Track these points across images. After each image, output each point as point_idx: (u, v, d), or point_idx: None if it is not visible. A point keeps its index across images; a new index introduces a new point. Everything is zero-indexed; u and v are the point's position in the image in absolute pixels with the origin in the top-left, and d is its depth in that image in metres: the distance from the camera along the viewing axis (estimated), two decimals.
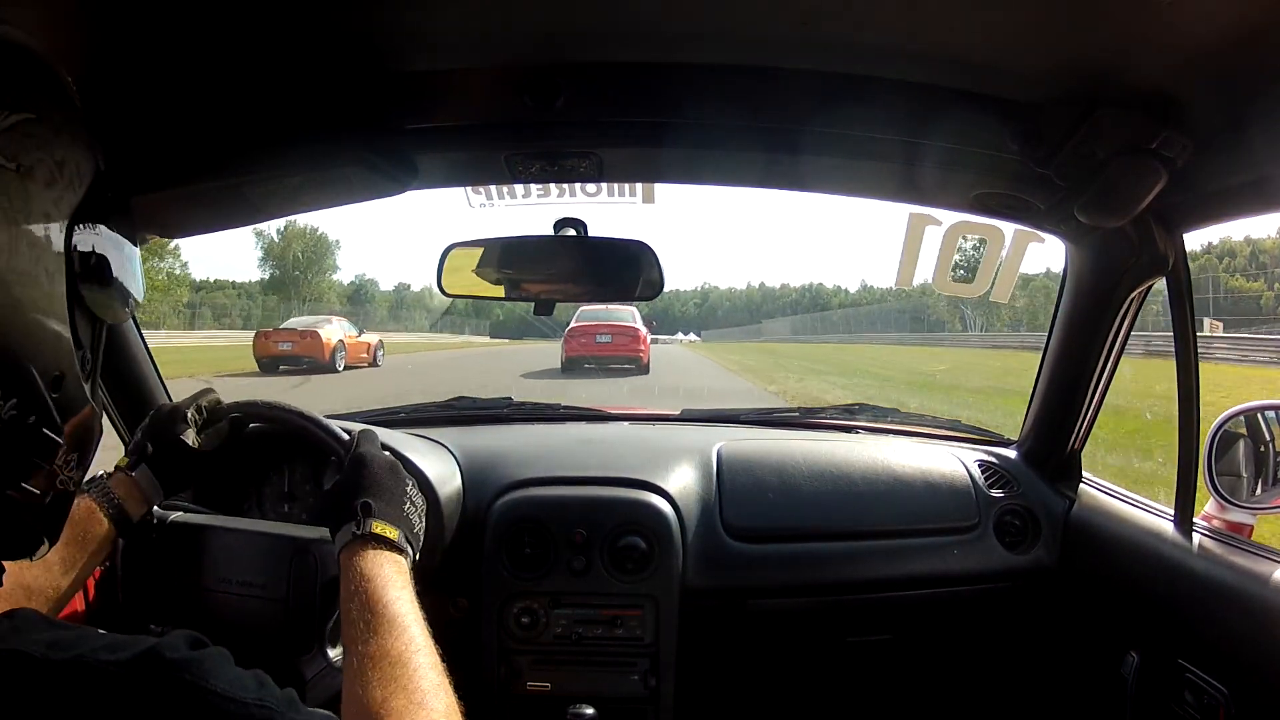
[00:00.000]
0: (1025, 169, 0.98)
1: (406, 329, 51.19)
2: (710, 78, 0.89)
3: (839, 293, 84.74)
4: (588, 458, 1.46)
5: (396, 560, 0.76)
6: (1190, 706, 1.04)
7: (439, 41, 0.83)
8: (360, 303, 56.53)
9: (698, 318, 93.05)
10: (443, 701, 0.62)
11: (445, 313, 53.95)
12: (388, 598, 0.70)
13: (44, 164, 0.46)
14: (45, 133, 0.47)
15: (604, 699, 1.27)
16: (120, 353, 1.33)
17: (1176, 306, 1.11)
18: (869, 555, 1.39)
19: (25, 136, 0.45)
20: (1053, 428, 1.44)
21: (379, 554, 0.75)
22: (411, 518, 0.84)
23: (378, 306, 59.73)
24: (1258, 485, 1.18)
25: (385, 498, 0.82)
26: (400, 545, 0.78)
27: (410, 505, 0.84)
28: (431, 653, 0.66)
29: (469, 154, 1.08)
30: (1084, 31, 0.72)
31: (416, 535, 0.83)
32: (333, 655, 0.96)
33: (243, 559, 0.99)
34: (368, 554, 0.75)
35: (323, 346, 13.79)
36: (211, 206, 1.07)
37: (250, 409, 1.07)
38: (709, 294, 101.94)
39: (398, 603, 0.70)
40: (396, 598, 0.71)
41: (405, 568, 0.77)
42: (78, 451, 0.51)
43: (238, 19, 0.74)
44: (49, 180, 0.47)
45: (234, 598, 0.96)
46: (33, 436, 0.46)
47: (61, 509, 0.51)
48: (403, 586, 0.73)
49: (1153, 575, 1.17)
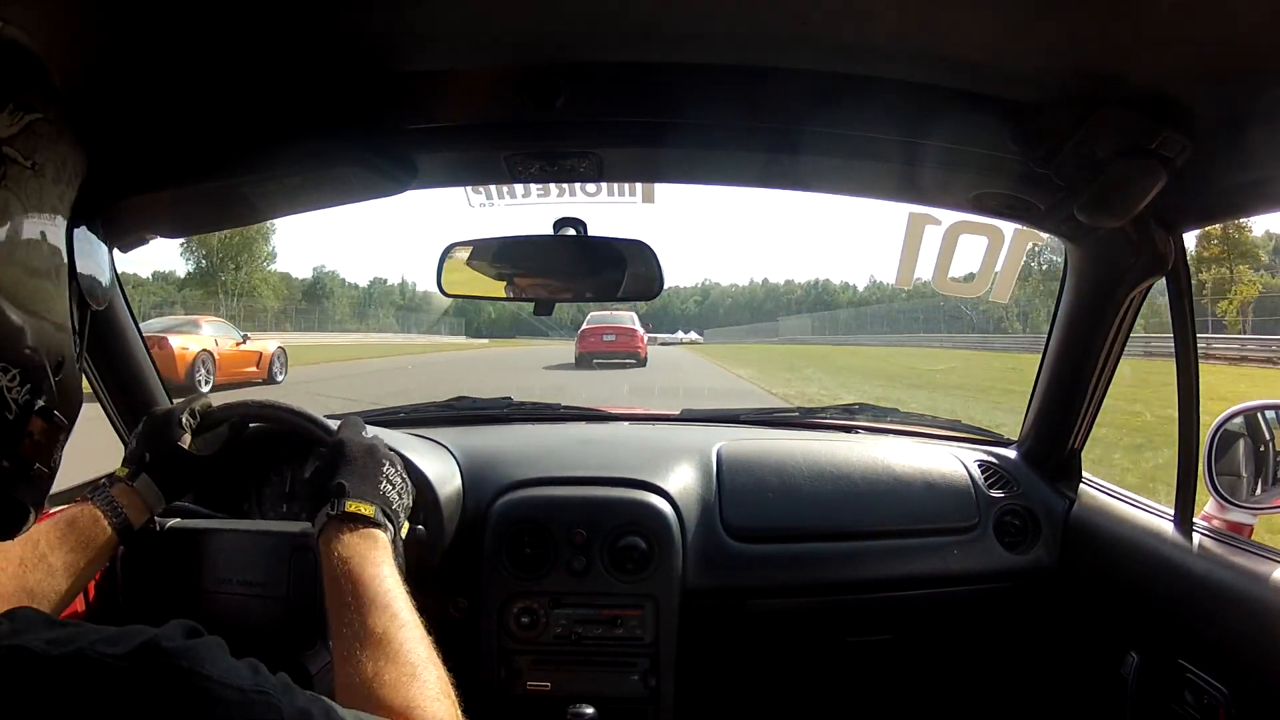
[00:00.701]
0: (1025, 169, 0.98)
1: (369, 328, 48.30)
2: (710, 78, 0.89)
3: (846, 289, 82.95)
4: (588, 458, 1.46)
5: (374, 535, 0.76)
6: (1190, 706, 1.04)
7: (438, 41, 0.83)
8: (318, 299, 52.60)
9: (698, 316, 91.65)
10: (433, 674, 0.62)
11: (410, 309, 51.76)
12: (368, 575, 0.70)
13: (52, 162, 0.49)
14: (52, 132, 0.49)
15: (604, 699, 1.27)
16: (120, 353, 1.33)
17: (1176, 306, 1.11)
18: (869, 555, 1.39)
19: (38, 136, 0.47)
20: (1053, 427, 1.44)
21: (355, 532, 0.75)
22: (389, 494, 0.83)
23: (338, 303, 55.58)
24: (1258, 485, 1.18)
25: (359, 476, 0.82)
26: (378, 520, 0.78)
27: (387, 483, 0.84)
28: (418, 626, 0.66)
29: (469, 154, 1.08)
30: (1084, 31, 0.72)
31: (396, 511, 0.83)
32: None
33: (242, 559, 0.99)
34: (344, 535, 0.75)
35: (174, 359, 9.93)
36: (211, 206, 1.07)
37: (244, 409, 1.07)
38: (710, 291, 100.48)
39: (379, 580, 0.70)
40: (376, 575, 0.71)
41: (385, 543, 0.77)
42: (68, 431, 0.54)
43: (237, 19, 0.74)
44: (56, 177, 0.49)
45: (236, 598, 0.96)
46: (44, 418, 0.49)
47: (49, 483, 0.54)
48: (382, 563, 0.73)
49: (1153, 575, 1.17)
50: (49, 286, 0.49)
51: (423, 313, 50.11)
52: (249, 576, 0.97)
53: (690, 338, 47.64)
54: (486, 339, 45.36)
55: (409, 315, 58.15)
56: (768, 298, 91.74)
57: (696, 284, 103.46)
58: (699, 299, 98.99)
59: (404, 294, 72.47)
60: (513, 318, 42.93)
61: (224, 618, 0.96)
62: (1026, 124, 0.89)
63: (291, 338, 21.51)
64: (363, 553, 0.73)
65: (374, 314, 58.05)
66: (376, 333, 45.08)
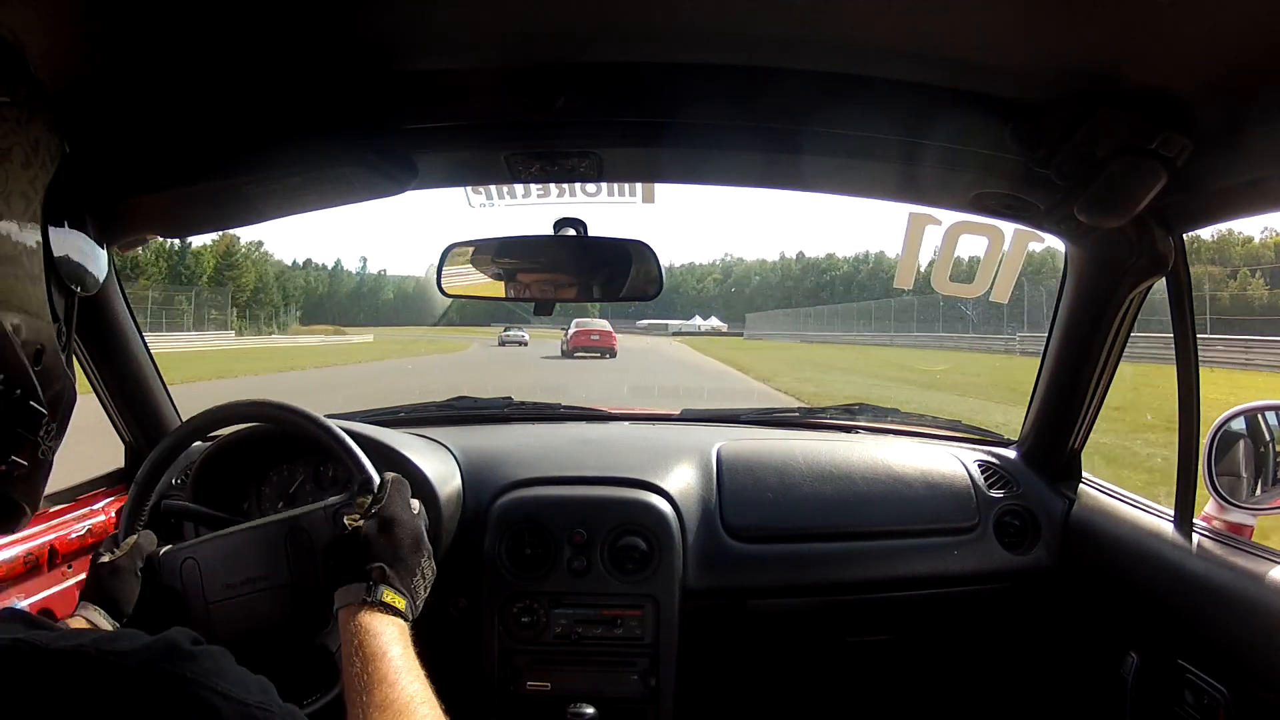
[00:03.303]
0: (1025, 169, 0.98)
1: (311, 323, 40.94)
2: (710, 78, 0.89)
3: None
4: (588, 458, 1.46)
5: (398, 623, 0.77)
6: (1190, 707, 1.04)
7: (439, 41, 0.83)
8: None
9: (719, 296, 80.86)
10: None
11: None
12: (391, 652, 0.71)
13: (20, 147, 0.47)
14: (20, 115, 0.48)
15: (604, 699, 1.27)
16: (120, 353, 1.33)
17: (1176, 307, 1.11)
18: (869, 555, 1.39)
19: (3, 120, 0.46)
20: (1053, 428, 1.44)
21: (383, 616, 0.76)
22: (419, 589, 0.84)
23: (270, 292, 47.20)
24: (1258, 486, 1.18)
25: (402, 569, 0.81)
26: (405, 614, 0.78)
27: (421, 576, 0.84)
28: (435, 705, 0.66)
29: (469, 154, 1.08)
30: (1084, 31, 0.72)
31: (418, 606, 0.84)
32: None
33: (239, 559, 0.99)
34: (372, 614, 0.76)
35: None
36: (211, 206, 1.07)
37: (288, 423, 1.05)
38: (732, 268, 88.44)
39: (400, 658, 0.71)
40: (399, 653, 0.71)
41: (406, 630, 0.77)
42: (57, 422, 0.52)
43: (237, 19, 0.74)
44: (25, 162, 0.48)
45: (242, 599, 0.96)
46: (20, 409, 0.48)
47: (41, 478, 0.52)
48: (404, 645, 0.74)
49: (1152, 576, 1.17)
50: (18, 272, 0.47)
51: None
52: (249, 574, 0.97)
53: (710, 325, 36.18)
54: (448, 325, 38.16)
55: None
56: (805, 274, 77.60)
57: (715, 260, 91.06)
58: (719, 277, 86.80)
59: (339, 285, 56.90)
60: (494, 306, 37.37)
61: (235, 623, 0.95)
62: (1026, 124, 0.89)
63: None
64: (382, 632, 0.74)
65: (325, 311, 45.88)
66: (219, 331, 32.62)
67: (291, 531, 0.96)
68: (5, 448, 0.48)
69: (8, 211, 0.47)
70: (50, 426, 0.51)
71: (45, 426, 0.50)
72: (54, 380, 0.51)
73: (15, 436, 0.48)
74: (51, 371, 0.51)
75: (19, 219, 0.48)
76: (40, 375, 0.49)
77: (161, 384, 1.41)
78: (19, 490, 0.50)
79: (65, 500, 1.28)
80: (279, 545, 0.96)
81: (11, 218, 0.47)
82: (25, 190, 0.48)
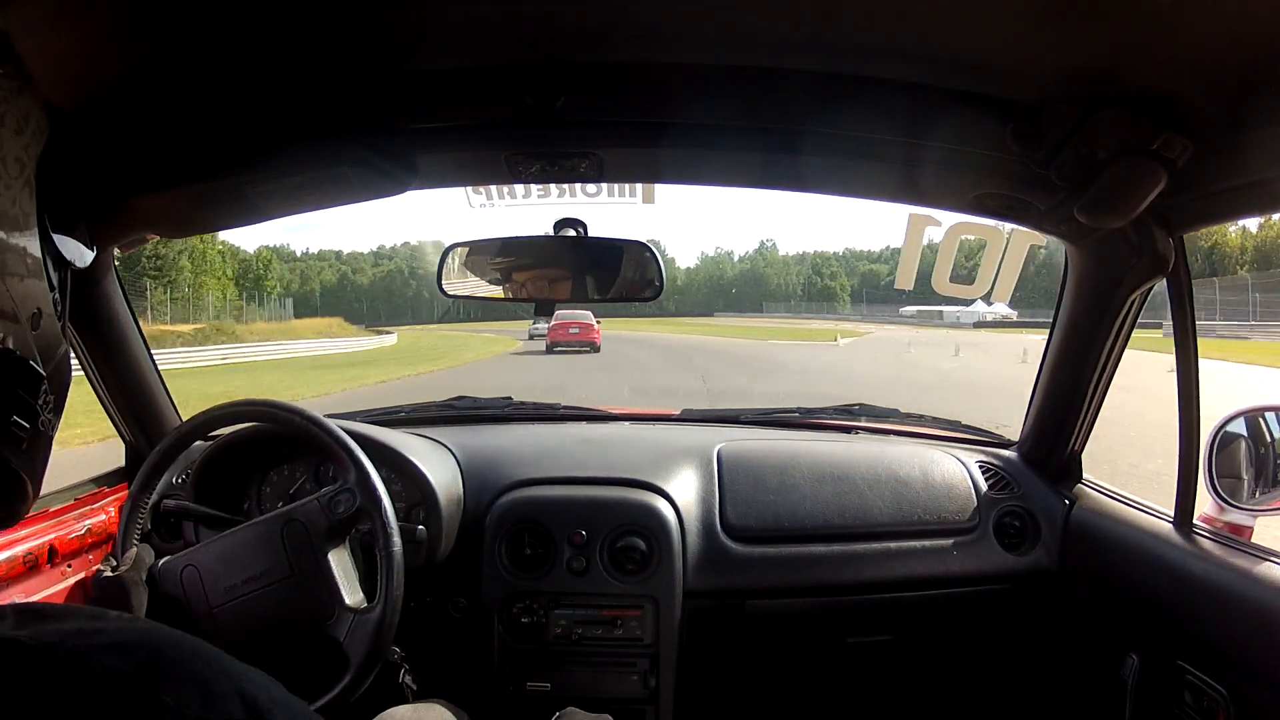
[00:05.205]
0: (1025, 169, 0.98)
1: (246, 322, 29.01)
2: (710, 78, 0.89)
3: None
4: (588, 458, 1.46)
5: None
6: (1190, 708, 1.04)
7: (440, 41, 0.83)
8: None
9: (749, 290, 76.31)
10: None
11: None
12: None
13: (12, 115, 0.48)
14: (12, 86, 0.49)
15: (604, 699, 1.27)
16: (120, 353, 1.33)
17: (1177, 308, 1.11)
18: (869, 556, 1.39)
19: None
20: (1053, 429, 1.44)
21: None
22: None
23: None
24: (1258, 487, 1.18)
25: None
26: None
27: None
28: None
29: (469, 154, 1.08)
30: (1084, 32, 0.72)
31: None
32: (351, 603, 0.97)
33: (238, 560, 0.99)
34: None
35: None
36: (211, 206, 1.07)
37: (288, 423, 1.06)
38: (766, 252, 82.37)
39: None
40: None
41: None
42: (55, 393, 0.52)
43: (238, 19, 0.74)
44: (17, 129, 0.49)
45: (246, 599, 0.96)
46: (20, 368, 0.48)
47: (40, 455, 0.52)
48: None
49: (1152, 577, 1.17)
50: (14, 234, 0.48)
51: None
52: (250, 573, 0.97)
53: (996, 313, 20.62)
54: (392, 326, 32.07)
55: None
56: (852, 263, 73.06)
57: (747, 252, 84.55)
58: (747, 267, 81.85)
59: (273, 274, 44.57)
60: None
61: (241, 625, 0.95)
62: (1026, 124, 0.89)
63: None
64: None
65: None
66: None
67: (287, 525, 0.96)
68: (7, 408, 0.48)
69: (4, 173, 0.48)
70: (48, 396, 0.51)
71: (44, 395, 0.50)
72: (52, 346, 0.51)
73: (15, 397, 0.48)
74: (50, 337, 0.51)
75: (15, 181, 0.49)
76: (38, 340, 0.49)
77: (162, 384, 1.41)
78: (19, 459, 0.50)
79: (65, 500, 1.28)
80: (276, 540, 0.97)
81: (5, 179, 0.48)
82: (19, 156, 0.49)
